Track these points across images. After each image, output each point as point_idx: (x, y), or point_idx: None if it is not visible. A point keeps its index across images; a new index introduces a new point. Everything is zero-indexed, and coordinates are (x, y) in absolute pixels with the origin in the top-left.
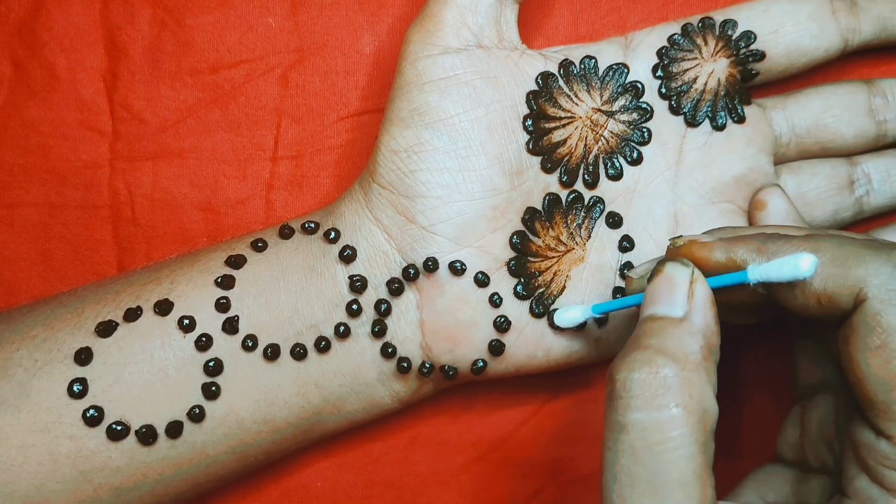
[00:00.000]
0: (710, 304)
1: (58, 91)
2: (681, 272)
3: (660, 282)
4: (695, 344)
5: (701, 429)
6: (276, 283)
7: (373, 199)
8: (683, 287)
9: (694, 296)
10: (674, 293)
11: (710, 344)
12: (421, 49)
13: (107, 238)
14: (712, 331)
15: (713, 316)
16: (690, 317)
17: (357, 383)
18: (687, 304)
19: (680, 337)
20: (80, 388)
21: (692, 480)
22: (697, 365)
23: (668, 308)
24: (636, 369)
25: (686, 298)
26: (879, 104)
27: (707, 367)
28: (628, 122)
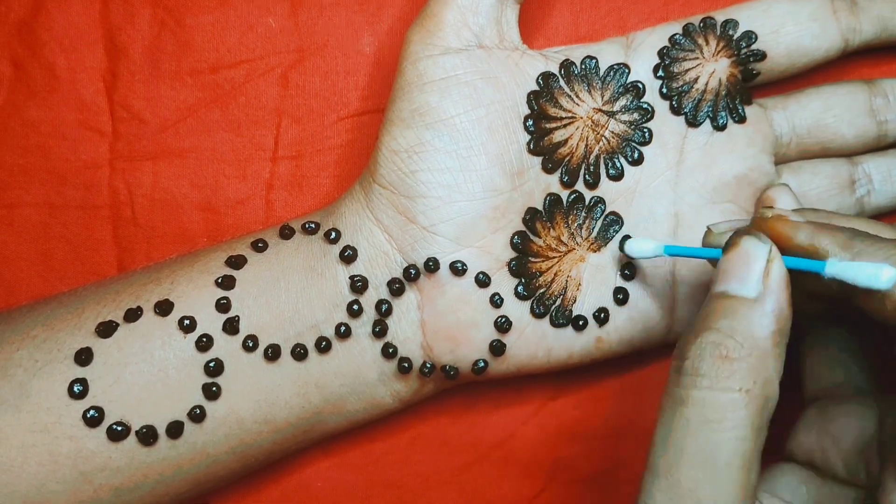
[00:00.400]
0: (786, 287)
1: (58, 91)
2: (759, 248)
3: (735, 256)
4: (766, 328)
5: (759, 414)
6: (277, 284)
7: (373, 199)
8: (759, 265)
9: (769, 276)
10: (749, 271)
11: (781, 328)
12: (422, 49)
13: (107, 238)
14: (785, 315)
15: (787, 299)
16: (764, 298)
17: (358, 383)
18: (761, 285)
19: (751, 319)
20: (81, 388)
21: (740, 464)
22: (766, 351)
23: (740, 286)
24: (706, 352)
25: (761, 278)
26: (880, 104)
27: (777, 353)
28: (629, 122)
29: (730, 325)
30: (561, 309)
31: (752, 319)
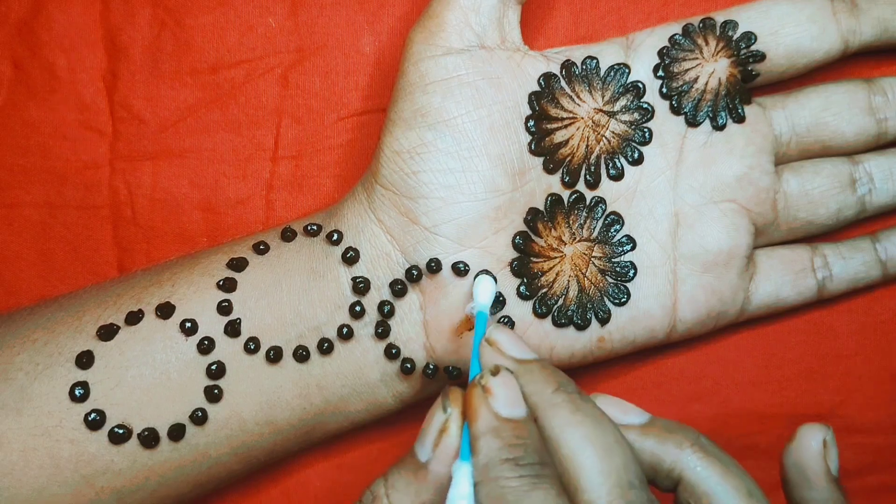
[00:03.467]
0: (449, 459)
1: (58, 91)
2: (437, 417)
3: (428, 414)
4: (421, 496)
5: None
6: (279, 286)
7: (375, 200)
8: (433, 434)
9: (438, 446)
10: (426, 435)
11: (462, 497)
12: (424, 50)
13: (107, 238)
14: (443, 487)
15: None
16: (428, 466)
17: (360, 384)
18: (431, 451)
19: (409, 482)
20: (82, 391)
21: None
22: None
23: (419, 447)
24: (366, 497)
25: (432, 444)
26: (879, 102)
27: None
28: (629, 122)
29: (395, 477)
30: (563, 309)
31: (410, 482)
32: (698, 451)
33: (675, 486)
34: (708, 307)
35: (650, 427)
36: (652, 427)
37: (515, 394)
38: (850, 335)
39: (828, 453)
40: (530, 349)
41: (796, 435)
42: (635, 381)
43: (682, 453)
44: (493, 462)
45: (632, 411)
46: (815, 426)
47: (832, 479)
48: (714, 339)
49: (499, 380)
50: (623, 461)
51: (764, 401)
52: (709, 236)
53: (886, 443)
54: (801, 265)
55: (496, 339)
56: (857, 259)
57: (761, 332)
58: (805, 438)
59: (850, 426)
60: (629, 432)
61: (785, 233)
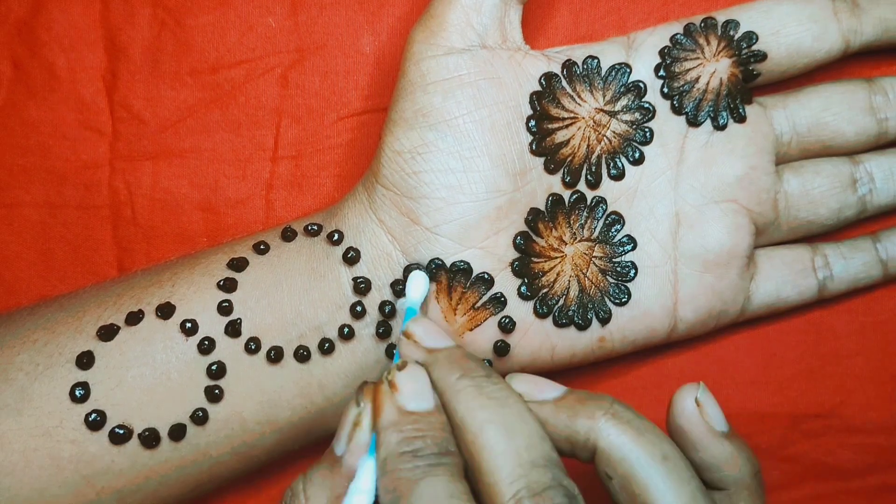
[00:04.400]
0: (362, 452)
1: (58, 91)
2: (351, 412)
3: (344, 411)
4: (337, 488)
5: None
6: (279, 286)
7: (376, 200)
8: (347, 428)
9: (352, 440)
10: (341, 430)
11: (361, 491)
12: (425, 49)
13: (107, 238)
14: (356, 480)
15: (364, 465)
16: (342, 460)
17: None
18: (345, 445)
19: (325, 476)
20: (82, 392)
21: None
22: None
23: (336, 442)
24: (287, 495)
25: (346, 438)
26: (880, 102)
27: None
28: (630, 121)
29: (312, 472)
30: (564, 308)
31: (326, 476)
32: (611, 418)
33: (594, 457)
34: (709, 307)
35: (563, 400)
36: (566, 400)
37: (421, 387)
38: (851, 335)
39: (703, 411)
40: (447, 337)
41: (671, 402)
42: (635, 381)
43: (596, 422)
44: (391, 455)
45: (546, 387)
46: (687, 387)
47: (718, 434)
48: (714, 339)
49: (404, 374)
50: (527, 440)
51: (764, 401)
52: (710, 236)
53: (887, 443)
54: (802, 265)
55: (412, 331)
56: (857, 259)
57: (761, 332)
58: (678, 403)
59: (851, 426)
60: (543, 408)
61: (785, 233)
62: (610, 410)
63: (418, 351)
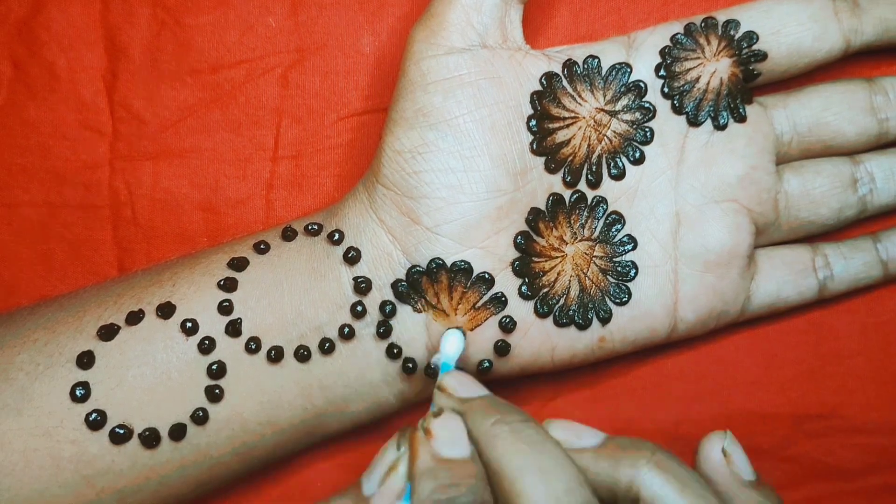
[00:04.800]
0: (396, 498)
1: (58, 91)
2: (388, 454)
3: (380, 451)
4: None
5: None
6: (280, 286)
7: (377, 200)
8: (381, 471)
9: (385, 483)
10: (375, 470)
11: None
12: (425, 49)
13: (107, 238)
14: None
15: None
16: (372, 500)
17: (361, 384)
18: (377, 486)
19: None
20: (83, 391)
21: None
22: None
23: (367, 481)
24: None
25: (380, 480)
26: (880, 102)
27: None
28: (631, 121)
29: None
30: (564, 308)
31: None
32: (654, 467)
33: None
34: (709, 307)
35: (604, 448)
36: (606, 447)
37: (458, 434)
38: (852, 335)
39: (730, 460)
40: (482, 388)
41: (698, 449)
42: (635, 381)
43: (638, 471)
44: (426, 502)
45: (585, 434)
46: (714, 436)
47: (746, 483)
48: (714, 339)
49: (440, 421)
50: (565, 485)
51: (765, 401)
52: (710, 236)
53: (888, 443)
54: (803, 265)
55: (445, 384)
56: (858, 259)
57: (762, 333)
58: (705, 452)
59: (852, 426)
60: (584, 456)
61: (786, 232)
62: (653, 459)
63: (452, 402)
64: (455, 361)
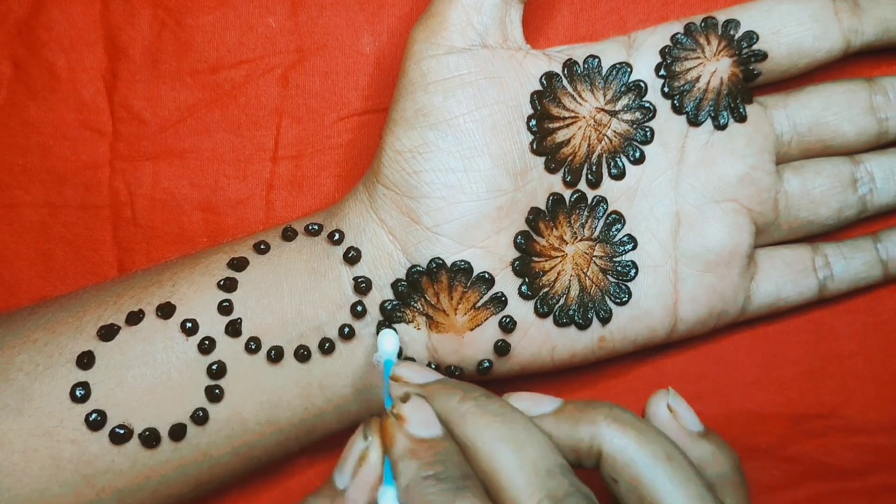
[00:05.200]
0: (368, 489)
1: (58, 91)
2: (357, 445)
3: (348, 442)
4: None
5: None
6: (280, 286)
7: (377, 199)
8: (352, 461)
9: (358, 474)
10: (345, 462)
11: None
12: (426, 49)
13: (107, 238)
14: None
15: (365, 500)
16: (347, 493)
17: (361, 384)
18: (349, 478)
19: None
20: (83, 392)
21: None
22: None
23: (339, 476)
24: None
25: (351, 472)
26: (880, 101)
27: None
28: (631, 121)
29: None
30: (564, 308)
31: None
32: (612, 422)
33: (599, 463)
34: (709, 306)
35: (563, 411)
36: (565, 410)
37: (428, 415)
38: (851, 335)
39: (676, 415)
40: (432, 373)
41: (645, 411)
42: (635, 381)
43: (597, 428)
44: (414, 481)
45: (544, 401)
46: (658, 394)
47: (695, 435)
48: (714, 339)
49: (409, 405)
50: (538, 452)
51: (765, 401)
52: (710, 235)
53: (888, 443)
54: (803, 265)
55: (399, 373)
56: (858, 259)
57: (762, 333)
58: (651, 410)
59: (852, 426)
60: (544, 421)
61: (786, 232)
62: (610, 415)
63: (411, 388)
64: (395, 357)
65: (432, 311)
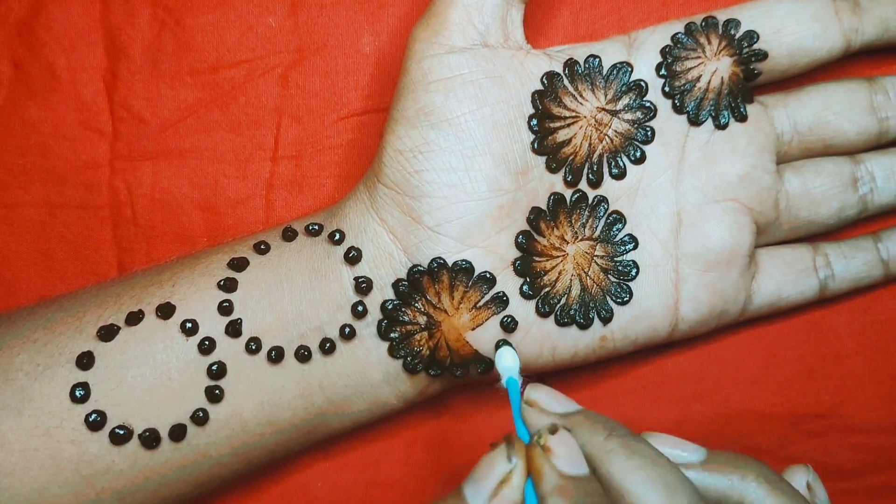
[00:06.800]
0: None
1: (58, 91)
2: (500, 466)
3: (484, 459)
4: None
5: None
6: (280, 286)
7: (378, 199)
8: (493, 482)
9: (498, 496)
10: (482, 481)
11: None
12: (427, 48)
13: (107, 238)
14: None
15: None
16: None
17: (362, 384)
18: (487, 500)
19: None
20: (83, 392)
21: None
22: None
23: (473, 491)
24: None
25: (490, 495)
26: (881, 101)
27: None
28: (632, 120)
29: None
30: (565, 308)
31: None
32: (763, 483)
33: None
34: (710, 306)
35: (711, 462)
36: (713, 462)
37: (575, 451)
38: (851, 335)
39: (813, 494)
40: (570, 401)
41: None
42: (635, 381)
43: (747, 486)
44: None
45: (688, 448)
46: (798, 468)
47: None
48: (714, 339)
49: (557, 438)
50: (689, 500)
51: (764, 401)
52: (711, 235)
53: (887, 443)
54: (804, 264)
55: (535, 398)
56: (858, 258)
57: (761, 332)
58: (791, 482)
59: (851, 426)
60: (690, 470)
61: (786, 232)
62: (761, 474)
63: (547, 417)
64: (517, 374)
65: (433, 311)
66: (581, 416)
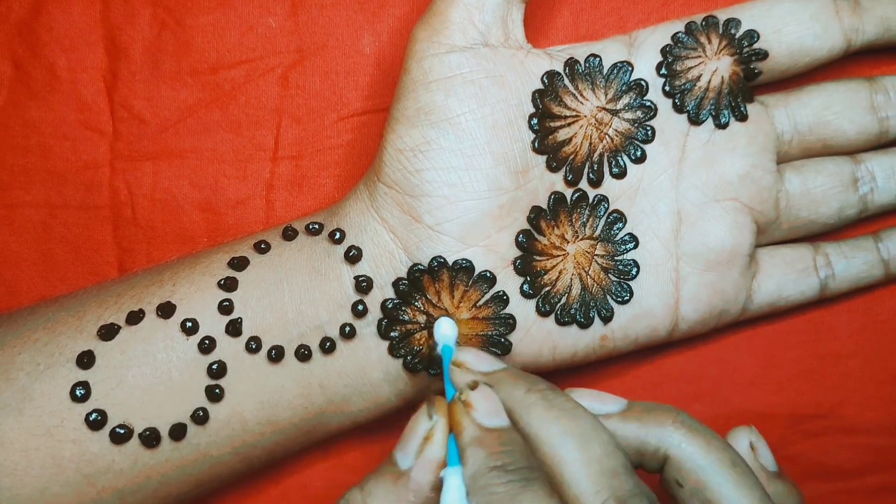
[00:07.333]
0: (433, 469)
1: (58, 91)
2: (422, 424)
3: (409, 422)
4: (402, 501)
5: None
6: (280, 285)
7: (378, 198)
8: (417, 441)
9: (422, 453)
10: (408, 442)
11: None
12: (427, 47)
13: (107, 238)
14: (423, 496)
15: (430, 482)
16: (408, 474)
17: (362, 383)
18: (413, 459)
19: (389, 490)
20: (83, 391)
21: None
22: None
23: (400, 455)
24: (342, 501)
25: (415, 451)
26: (881, 101)
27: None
28: (632, 120)
29: (372, 485)
30: (566, 307)
31: (389, 490)
32: (680, 427)
33: (662, 467)
34: (710, 305)
35: (630, 412)
36: (631, 411)
37: (495, 405)
38: (850, 335)
39: (757, 453)
40: (496, 361)
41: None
42: (635, 381)
43: (665, 432)
44: (481, 471)
45: (609, 400)
46: (740, 430)
47: (771, 474)
48: (714, 339)
49: (478, 393)
50: (604, 449)
51: (763, 401)
52: (711, 234)
53: (886, 443)
54: (804, 264)
55: (463, 359)
56: (859, 258)
57: (761, 333)
58: (733, 444)
59: (850, 426)
60: (609, 420)
61: (787, 232)
62: (678, 420)
63: (472, 376)
64: (454, 343)
65: (434, 310)
66: (504, 373)
